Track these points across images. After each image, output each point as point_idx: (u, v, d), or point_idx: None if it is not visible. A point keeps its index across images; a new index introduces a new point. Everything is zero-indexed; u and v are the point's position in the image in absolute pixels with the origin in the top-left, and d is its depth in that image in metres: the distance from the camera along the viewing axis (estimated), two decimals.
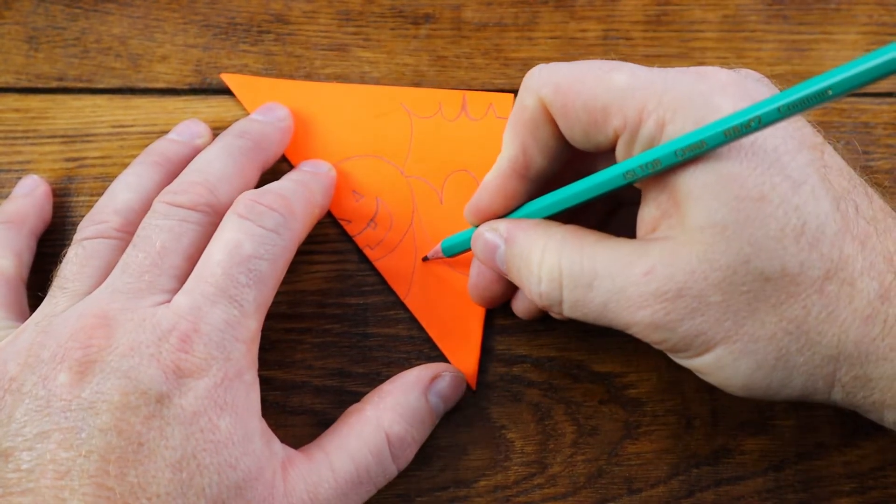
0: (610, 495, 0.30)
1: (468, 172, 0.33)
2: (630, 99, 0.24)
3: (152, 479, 0.23)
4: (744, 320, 0.23)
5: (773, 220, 0.22)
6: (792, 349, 0.23)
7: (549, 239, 0.26)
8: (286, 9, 0.36)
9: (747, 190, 0.22)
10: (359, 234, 0.32)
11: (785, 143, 0.23)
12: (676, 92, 0.23)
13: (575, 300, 0.25)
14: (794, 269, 0.22)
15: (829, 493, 0.30)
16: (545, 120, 0.26)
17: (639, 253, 0.24)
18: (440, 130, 0.33)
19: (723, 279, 0.23)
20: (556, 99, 0.25)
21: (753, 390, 0.24)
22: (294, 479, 0.26)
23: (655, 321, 0.24)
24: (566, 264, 0.25)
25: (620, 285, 0.24)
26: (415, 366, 0.30)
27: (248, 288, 0.26)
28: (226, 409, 0.24)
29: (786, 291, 0.23)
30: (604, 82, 0.24)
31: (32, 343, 0.25)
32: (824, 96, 0.20)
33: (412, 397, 0.28)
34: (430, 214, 0.32)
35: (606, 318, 0.25)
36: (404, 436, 0.28)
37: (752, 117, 0.22)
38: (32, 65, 0.35)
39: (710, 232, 0.23)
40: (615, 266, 0.24)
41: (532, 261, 0.26)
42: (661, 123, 0.23)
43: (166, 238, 0.27)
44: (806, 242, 0.22)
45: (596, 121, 0.25)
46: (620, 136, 0.24)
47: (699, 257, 0.23)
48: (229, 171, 0.29)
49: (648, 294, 0.23)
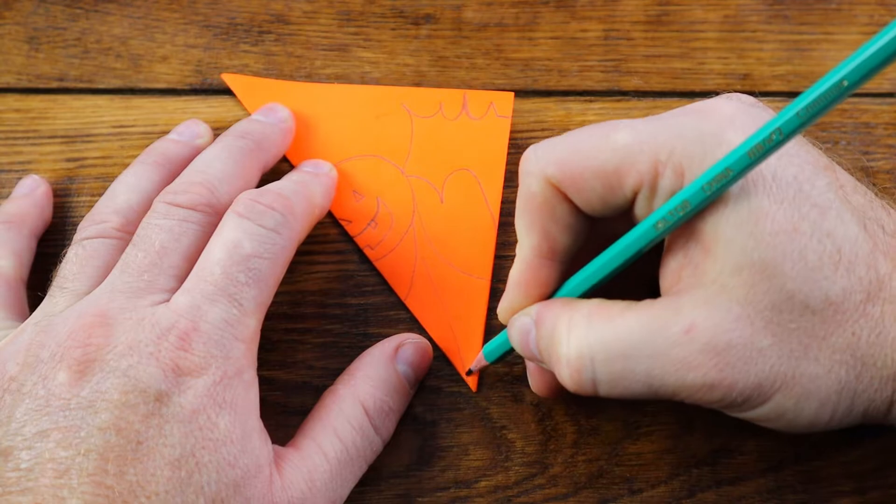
0: (611, 495, 0.30)
1: (469, 171, 0.33)
2: (640, 154, 0.23)
3: (151, 478, 0.23)
4: (798, 361, 0.22)
5: (810, 250, 0.22)
6: (850, 378, 0.22)
7: (575, 313, 0.24)
8: (287, 9, 0.36)
9: (779, 224, 0.22)
10: (359, 234, 0.32)
11: (802, 171, 0.23)
12: (686, 138, 0.23)
13: (612, 375, 0.23)
14: (837, 296, 0.22)
15: (829, 493, 0.30)
16: (559, 199, 0.25)
17: (672, 310, 0.23)
18: (441, 130, 0.33)
19: (770, 319, 0.22)
20: (565, 175, 0.24)
21: (817, 426, 0.23)
22: (290, 472, 0.26)
23: (709, 381, 0.22)
24: (595, 337, 0.23)
25: (661, 349, 0.22)
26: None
27: (248, 287, 0.26)
28: (225, 407, 0.24)
29: (833, 321, 0.22)
30: (607, 146, 0.24)
31: (32, 343, 0.25)
32: (840, 89, 0.20)
33: (380, 368, 0.29)
34: (431, 214, 0.32)
35: (651, 388, 0.23)
36: (381, 406, 0.28)
37: (772, 131, 0.21)
38: (33, 65, 0.35)
39: (748, 272, 0.22)
40: (651, 329, 0.23)
41: (560, 341, 0.24)
42: (680, 171, 0.23)
43: (166, 238, 0.27)
44: (844, 268, 0.22)
45: (611, 185, 0.24)
46: (639, 193, 0.24)
47: (741, 301, 0.22)
48: (230, 172, 0.29)
49: (695, 352, 0.22)
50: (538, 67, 0.35)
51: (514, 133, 0.34)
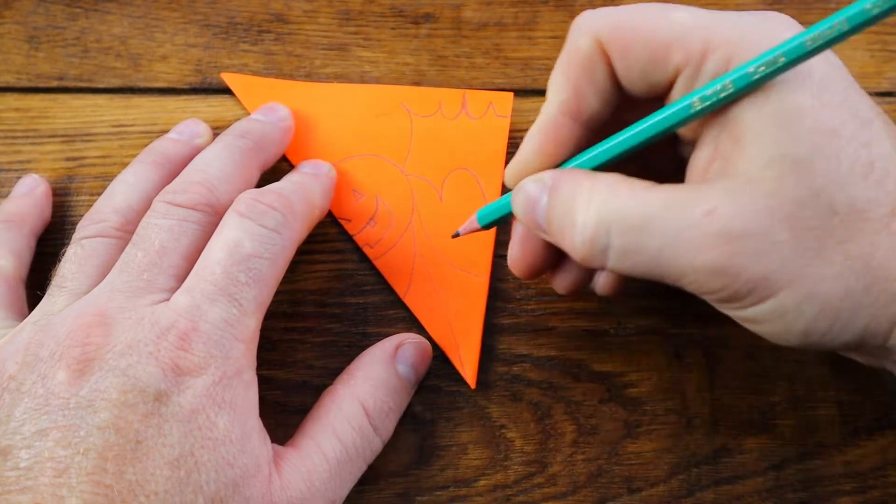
0: (610, 495, 0.30)
1: (468, 171, 0.33)
2: (693, 35, 0.23)
3: (150, 477, 0.23)
4: (810, 260, 0.22)
5: (845, 155, 0.22)
6: (859, 287, 0.22)
7: (597, 183, 0.24)
8: (286, 8, 0.36)
9: (820, 123, 0.22)
10: (358, 232, 0.32)
11: (852, 86, 0.23)
12: (742, 29, 0.23)
13: (625, 246, 0.23)
14: (862, 204, 0.22)
15: (830, 492, 0.30)
16: (601, 60, 0.25)
17: (698, 194, 0.23)
18: (440, 129, 0.33)
19: (791, 215, 0.22)
20: (615, 37, 0.24)
21: (812, 336, 0.23)
22: (289, 472, 0.26)
23: (718, 265, 0.22)
24: (616, 206, 0.23)
25: (678, 228, 0.22)
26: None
27: (248, 287, 0.26)
28: (224, 407, 0.24)
29: (853, 228, 0.22)
30: (665, 19, 0.24)
31: (31, 342, 0.25)
32: None
33: (380, 369, 0.29)
34: (430, 212, 0.32)
35: (660, 267, 0.23)
36: (380, 406, 0.28)
37: (839, 20, 0.20)
38: (33, 64, 0.35)
39: (779, 165, 0.22)
40: (672, 208, 0.22)
41: (577, 207, 0.24)
42: (728, 59, 0.23)
43: (165, 237, 0.27)
44: (874, 180, 0.22)
45: (656, 58, 0.24)
46: (682, 72, 0.24)
47: (767, 193, 0.22)
48: (230, 171, 0.29)
49: (711, 235, 0.22)
50: (537, 67, 0.35)
51: (514, 133, 0.34)
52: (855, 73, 0.35)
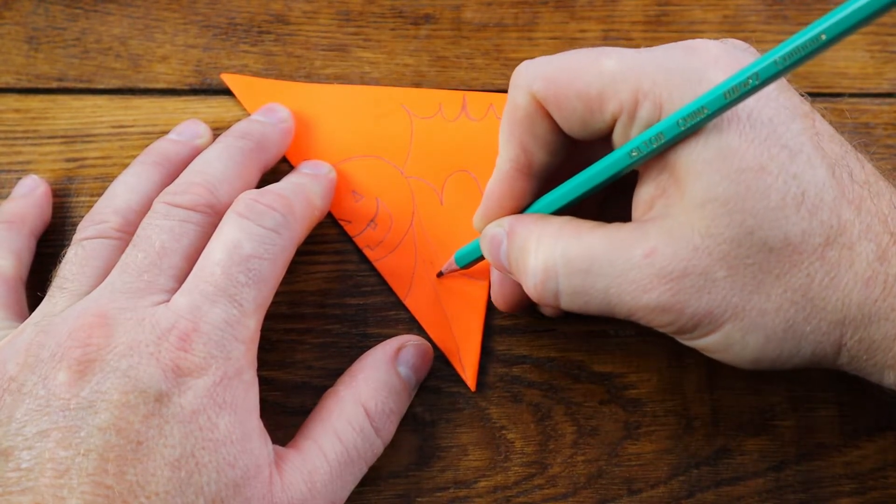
0: (610, 496, 0.30)
1: (468, 173, 0.33)
2: (623, 82, 0.24)
3: (151, 478, 0.23)
4: (750, 294, 0.23)
5: (774, 190, 0.22)
6: (799, 318, 0.23)
7: (546, 227, 0.26)
8: (286, 9, 0.36)
9: (747, 161, 0.22)
10: (359, 234, 0.32)
11: (779, 114, 0.23)
12: (669, 70, 0.23)
13: (573, 288, 0.25)
14: (796, 237, 0.22)
15: (830, 493, 0.30)
16: (541, 115, 0.26)
17: (637, 234, 0.24)
18: (440, 131, 0.33)
19: (727, 253, 0.23)
20: (549, 92, 0.25)
21: (762, 363, 0.24)
22: (290, 473, 0.26)
23: (662, 304, 0.23)
24: (561, 251, 0.25)
25: (621, 269, 0.24)
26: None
27: (248, 287, 0.26)
28: (225, 407, 0.24)
29: (789, 261, 0.23)
30: (594, 69, 0.24)
31: (31, 343, 0.25)
32: (818, 42, 0.20)
33: (381, 371, 0.29)
34: (431, 215, 0.32)
35: (609, 306, 0.24)
36: (382, 408, 0.28)
37: (749, 75, 0.21)
38: (32, 65, 0.35)
39: (711, 206, 0.23)
40: (614, 249, 0.24)
41: (528, 252, 0.25)
42: (659, 103, 0.23)
43: (166, 238, 0.27)
44: (806, 210, 0.23)
45: (592, 108, 0.24)
46: (618, 120, 0.24)
47: (702, 233, 0.23)
48: (230, 172, 0.29)
49: (652, 275, 0.23)
50: None
51: None
52: (855, 73, 0.35)
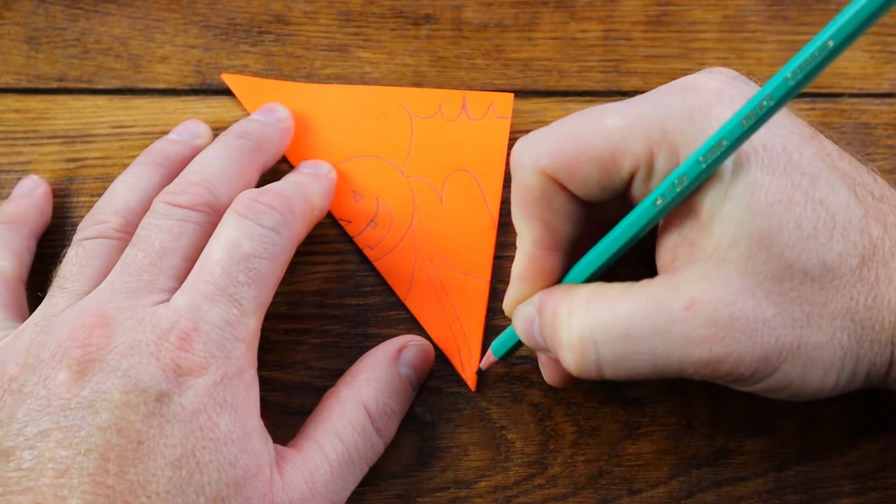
0: (610, 496, 0.30)
1: (468, 172, 0.33)
2: (633, 138, 0.23)
3: (152, 478, 0.23)
4: (801, 330, 0.22)
5: (805, 219, 0.22)
6: (852, 343, 0.23)
7: (575, 297, 0.24)
8: (286, 9, 0.36)
9: (773, 194, 0.22)
10: (359, 234, 0.32)
11: (790, 141, 0.23)
12: (675, 116, 0.23)
13: (615, 356, 0.23)
14: (833, 262, 0.22)
15: (830, 493, 0.29)
16: (555, 189, 0.25)
17: (669, 287, 0.23)
18: (440, 131, 0.33)
19: (771, 290, 0.22)
20: (560, 165, 0.24)
21: (822, 394, 0.23)
22: (290, 473, 0.26)
23: (716, 356, 0.22)
24: (595, 319, 0.23)
25: (662, 326, 0.22)
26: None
27: (248, 287, 0.26)
28: (225, 407, 0.24)
29: (831, 287, 0.22)
30: (599, 131, 0.24)
31: (32, 343, 0.25)
32: (826, 50, 0.20)
33: (383, 371, 0.29)
34: (431, 214, 0.32)
35: (657, 368, 0.23)
36: (383, 408, 0.28)
37: (763, 97, 0.21)
38: (32, 65, 0.35)
39: (745, 244, 0.22)
40: (650, 307, 0.23)
41: (561, 324, 0.24)
42: (675, 150, 0.23)
43: (165, 238, 0.27)
44: (839, 234, 0.22)
45: (607, 170, 0.24)
46: (636, 175, 0.24)
47: (741, 273, 0.22)
48: (229, 172, 0.29)
49: (698, 328, 0.22)
50: (538, 68, 0.35)
51: (514, 133, 0.33)
52: (855, 73, 0.35)
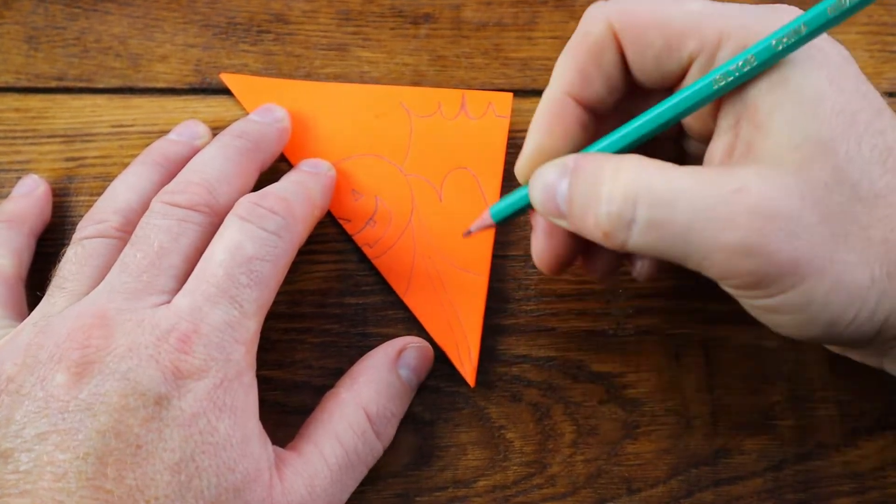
0: (609, 495, 0.30)
1: (468, 170, 0.33)
2: (708, 22, 0.23)
3: (151, 482, 0.23)
4: (837, 246, 0.22)
5: (865, 141, 0.22)
6: (882, 276, 0.22)
7: (622, 161, 0.23)
8: (286, 8, 0.36)
9: (840, 106, 0.22)
10: (358, 232, 0.32)
11: (860, 76, 0.23)
12: (756, 17, 0.23)
13: (651, 220, 0.22)
14: (882, 189, 0.22)
15: (829, 493, 0.30)
16: (612, 46, 0.25)
17: (727, 173, 0.22)
18: (439, 129, 0.33)
19: (821, 199, 0.22)
20: (629, 23, 0.24)
21: (835, 327, 0.22)
22: (290, 477, 0.26)
23: (749, 244, 0.21)
24: (645, 179, 0.22)
25: (708, 203, 0.22)
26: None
27: (249, 289, 0.26)
28: (225, 410, 0.24)
29: (875, 214, 0.22)
30: (679, 7, 0.24)
31: (30, 343, 0.25)
32: None
33: (383, 373, 0.29)
34: (430, 212, 0.32)
35: (685, 244, 0.22)
36: (383, 411, 0.28)
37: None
38: (32, 64, 0.35)
39: (806, 147, 0.22)
40: (702, 183, 0.22)
41: (603, 182, 0.23)
42: (743, 45, 0.23)
43: (164, 238, 0.26)
44: (891, 166, 0.22)
45: (671, 45, 0.24)
46: (696, 60, 0.24)
47: (796, 175, 0.22)
48: (228, 172, 0.29)
49: (742, 212, 0.21)
50: (537, 67, 0.35)
51: (513, 132, 0.34)
52: None
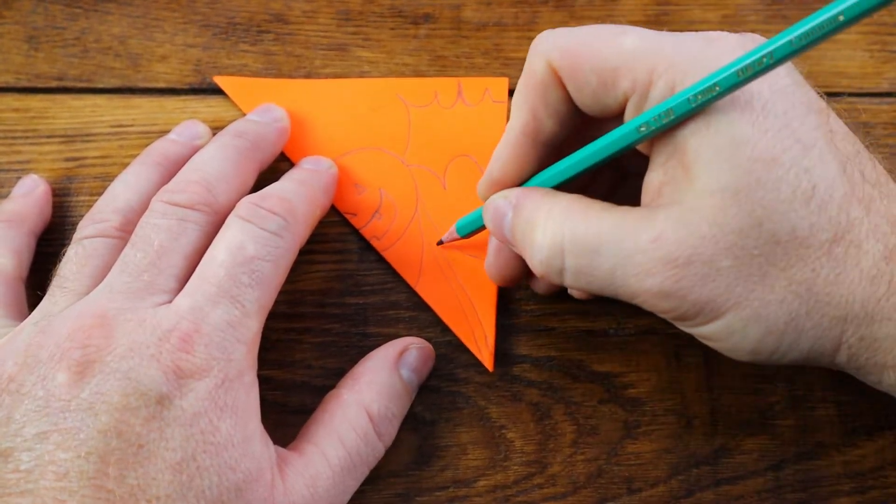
0: (609, 495, 0.30)
1: (469, 157, 0.33)
2: (640, 61, 0.24)
3: (152, 482, 0.23)
4: (754, 286, 0.23)
5: (785, 182, 0.22)
6: (801, 312, 0.23)
7: (554, 205, 0.25)
8: (286, 8, 0.36)
9: (759, 152, 0.22)
10: (365, 226, 0.32)
11: (794, 108, 0.23)
12: (686, 55, 0.23)
13: (579, 268, 0.24)
14: (803, 231, 0.22)
15: (829, 492, 0.30)
16: (554, 84, 0.26)
17: (646, 219, 0.24)
18: (438, 118, 0.34)
19: (734, 243, 0.22)
20: (565, 62, 0.25)
21: (760, 355, 0.24)
22: (292, 477, 0.26)
23: (665, 289, 0.23)
24: (570, 230, 0.24)
25: (628, 252, 0.23)
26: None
27: (251, 288, 0.26)
28: (226, 410, 0.24)
29: (795, 255, 0.23)
30: (613, 45, 0.24)
31: (31, 343, 0.25)
32: (836, 23, 0.20)
33: (385, 375, 0.29)
34: (434, 201, 0.33)
35: (612, 287, 0.24)
36: (385, 413, 0.28)
37: (764, 54, 0.21)
38: (32, 64, 0.35)
39: (721, 195, 0.22)
40: (622, 232, 0.24)
41: (536, 228, 0.25)
42: (672, 86, 0.23)
43: (164, 237, 0.26)
44: (816, 205, 0.22)
45: (605, 83, 0.24)
46: (630, 98, 0.24)
47: (710, 221, 0.23)
48: (227, 171, 0.29)
49: (657, 260, 0.23)
50: None
51: None
52: (854, 73, 0.35)
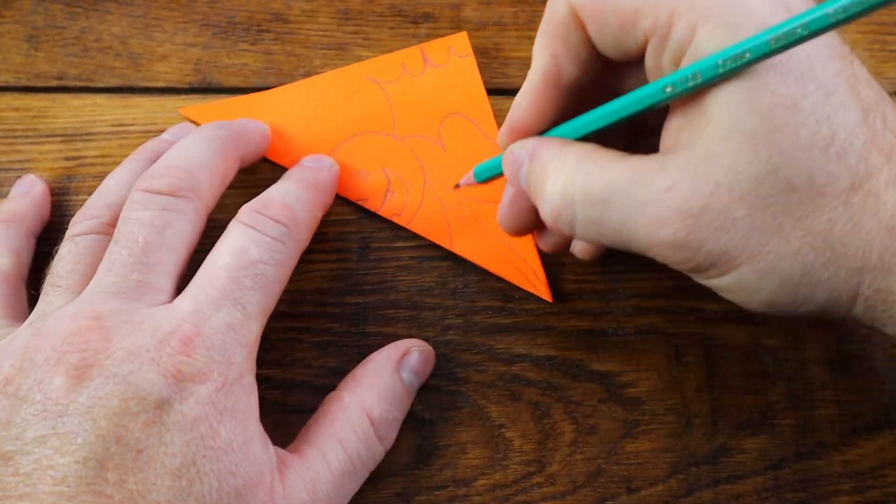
0: (609, 494, 0.30)
1: (457, 115, 0.34)
2: (661, 1, 0.23)
3: (151, 487, 0.23)
4: (769, 237, 0.22)
5: (804, 128, 0.22)
6: (817, 264, 0.22)
7: (567, 154, 0.25)
8: (286, 8, 0.36)
9: (779, 97, 0.22)
10: (381, 206, 0.33)
11: (817, 52, 0.22)
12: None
13: (589, 218, 0.24)
14: (821, 179, 0.22)
15: (828, 492, 0.30)
16: (575, 26, 0.25)
17: (659, 167, 0.23)
18: (413, 87, 0.34)
19: (749, 191, 0.22)
20: (586, 3, 0.24)
21: (776, 306, 0.23)
22: (292, 480, 0.25)
23: (678, 241, 0.22)
24: (581, 179, 0.24)
25: (640, 202, 0.23)
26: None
27: (253, 291, 0.25)
28: (226, 414, 0.24)
29: (811, 204, 0.22)
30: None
31: (27, 345, 0.25)
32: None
33: (386, 377, 0.29)
34: (439, 164, 0.33)
35: (623, 239, 0.24)
36: (386, 416, 0.28)
37: (799, 24, 0.20)
38: (32, 64, 0.35)
39: (737, 140, 0.22)
40: (634, 182, 0.23)
41: (548, 176, 0.25)
42: (693, 26, 0.23)
43: (148, 232, 0.26)
44: (834, 153, 0.22)
45: (625, 24, 0.24)
46: (650, 41, 0.24)
47: (725, 168, 0.22)
48: (208, 158, 0.28)
49: (670, 211, 0.22)
50: None
51: None
52: None
